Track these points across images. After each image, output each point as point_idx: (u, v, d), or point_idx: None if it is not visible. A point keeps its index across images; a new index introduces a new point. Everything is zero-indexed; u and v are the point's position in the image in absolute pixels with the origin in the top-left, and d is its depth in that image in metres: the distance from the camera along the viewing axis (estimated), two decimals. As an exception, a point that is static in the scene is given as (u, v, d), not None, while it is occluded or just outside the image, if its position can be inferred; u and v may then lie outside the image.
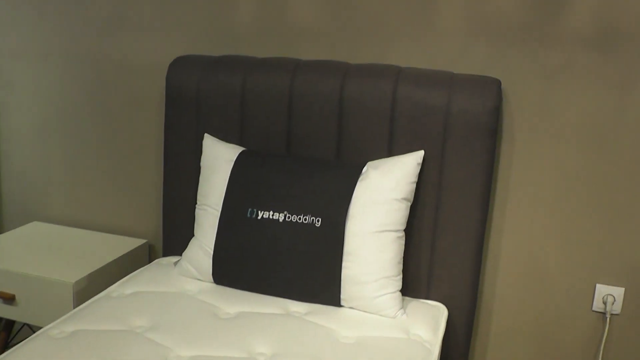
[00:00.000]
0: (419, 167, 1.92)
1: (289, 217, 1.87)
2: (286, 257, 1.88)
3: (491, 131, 1.90)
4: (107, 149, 2.55)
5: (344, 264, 1.85)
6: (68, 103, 2.56)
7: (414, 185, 1.92)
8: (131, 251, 2.41)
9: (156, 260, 2.22)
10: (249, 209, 1.91)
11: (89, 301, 1.89)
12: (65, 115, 2.58)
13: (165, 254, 2.32)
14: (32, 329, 2.72)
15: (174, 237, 2.29)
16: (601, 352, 2.13)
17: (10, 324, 2.45)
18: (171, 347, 1.64)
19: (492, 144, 1.91)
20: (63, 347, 1.60)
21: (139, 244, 2.48)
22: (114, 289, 1.98)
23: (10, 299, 2.22)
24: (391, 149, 1.99)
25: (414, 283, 2.06)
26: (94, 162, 2.58)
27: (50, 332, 1.69)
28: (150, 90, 2.43)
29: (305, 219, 1.86)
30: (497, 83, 1.92)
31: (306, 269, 1.87)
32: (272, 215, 1.89)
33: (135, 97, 2.45)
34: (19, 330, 2.74)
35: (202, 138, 2.17)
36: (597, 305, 2.11)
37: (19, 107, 2.65)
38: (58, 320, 1.77)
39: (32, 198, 2.73)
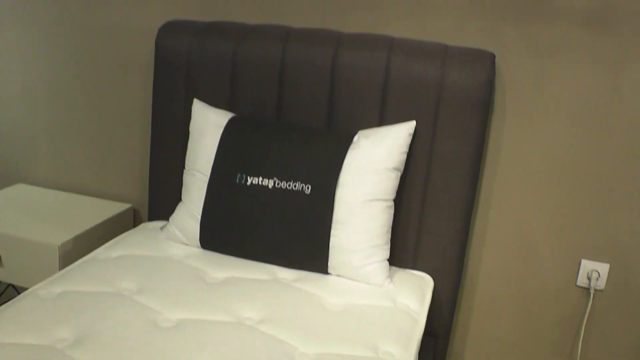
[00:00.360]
0: (411, 138, 1.92)
1: (278, 184, 1.87)
2: (275, 224, 1.88)
3: (483, 105, 1.90)
4: (93, 113, 2.52)
5: (332, 232, 1.86)
6: (54, 67, 2.53)
7: (405, 155, 1.92)
8: (116, 215, 2.41)
9: (142, 225, 2.21)
10: (238, 175, 1.91)
11: (76, 263, 1.89)
12: (51, 79, 2.55)
13: (150, 219, 2.31)
14: (17, 291, 2.71)
15: (160, 202, 2.28)
16: (583, 326, 2.16)
17: (-5, 285, 2.44)
18: (159, 310, 1.64)
19: (483, 118, 1.92)
20: (51, 307, 1.60)
21: (124, 208, 2.47)
22: (100, 251, 1.97)
23: (-5, 260, 2.21)
24: (383, 120, 1.98)
25: (401, 253, 2.07)
26: (80, 126, 2.55)
27: (38, 292, 1.69)
28: (139, 54, 2.40)
29: (294, 186, 1.86)
30: (492, 56, 1.91)
31: (294, 236, 1.87)
32: (262, 181, 1.88)
33: (123, 61, 2.42)
34: (4, 291, 2.73)
35: (191, 104, 2.16)
36: (582, 280, 2.14)
37: (5, 71, 2.61)
38: (46, 281, 1.76)
39: (17, 160, 2.70)
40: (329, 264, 1.88)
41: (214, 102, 2.13)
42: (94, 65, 2.47)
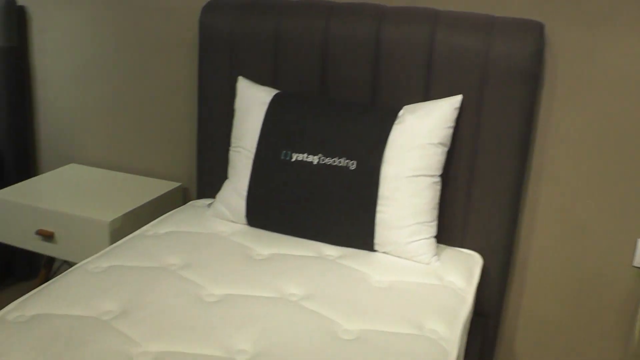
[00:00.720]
0: (457, 112, 1.88)
1: (323, 160, 1.86)
2: (320, 200, 1.87)
3: (532, 77, 1.85)
4: (142, 93, 2.55)
5: (378, 208, 1.84)
6: (102, 47, 2.56)
7: (451, 130, 1.88)
8: (165, 193, 2.43)
9: (190, 202, 2.23)
10: (283, 151, 1.90)
11: (124, 239, 1.92)
12: (99, 59, 2.58)
13: (199, 197, 2.33)
14: (71, 266, 2.77)
15: (208, 180, 2.30)
16: None
17: (50, 261, 2.50)
18: (204, 285, 1.65)
19: (532, 91, 1.86)
20: (98, 281, 1.63)
21: (174, 186, 2.49)
22: (148, 228, 2.00)
23: (49, 237, 2.25)
24: (428, 94, 1.95)
25: (449, 231, 2.04)
26: (129, 106, 2.59)
27: (86, 267, 1.72)
28: (184, 33, 2.41)
29: (339, 162, 1.85)
30: (540, 26, 1.85)
31: (340, 213, 1.86)
32: (306, 157, 1.87)
33: (169, 40, 2.44)
34: (59, 268, 2.80)
35: (235, 81, 2.16)
36: (639, 260, 2.06)
37: (55, 53, 2.66)
38: (94, 256, 1.79)
39: (70, 141, 2.76)
40: (374, 240, 1.87)
41: (258, 79, 2.13)
42: (141, 45, 2.49)
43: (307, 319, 1.52)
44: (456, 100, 1.87)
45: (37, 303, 1.52)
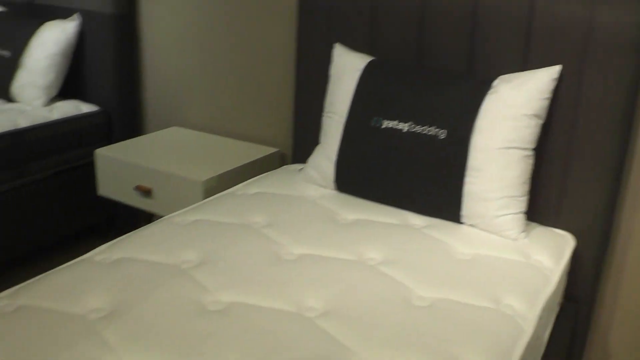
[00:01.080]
0: (554, 84, 1.80)
1: (413, 128, 1.83)
2: (408, 169, 1.84)
3: (638, 48, 1.74)
4: (242, 60, 2.59)
5: (466, 179, 1.79)
6: (206, 15, 2.62)
7: (547, 102, 1.80)
8: (262, 158, 2.47)
9: (283, 167, 2.27)
10: (374, 118, 1.89)
11: (214, 196, 1.97)
12: (203, 27, 2.65)
13: (294, 162, 2.36)
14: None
15: (303, 146, 2.31)
16: None
17: (149, 216, 2.61)
18: (284, 244, 1.67)
19: (638, 63, 1.75)
20: (182, 232, 1.68)
21: (270, 152, 2.53)
22: (238, 188, 2.04)
23: (147, 193, 2.35)
24: (526, 64, 1.87)
25: (541, 209, 1.96)
26: (229, 72, 2.64)
27: (173, 219, 1.78)
28: (284, 0, 2.43)
29: (429, 131, 1.81)
30: (652, -4, 1.74)
31: (427, 182, 1.82)
32: (397, 124, 1.85)
33: (269, 7, 2.47)
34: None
35: (332, 48, 2.16)
36: None
37: (161, 21, 2.75)
38: (182, 210, 1.85)
39: (173, 105, 2.85)
40: (461, 212, 1.82)
41: (355, 45, 2.12)
42: (240, 12, 2.53)
43: (382, 283, 1.51)
44: (554, 70, 1.79)
45: (122, 248, 1.59)
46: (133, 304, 1.36)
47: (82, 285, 1.43)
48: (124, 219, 2.95)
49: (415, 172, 1.84)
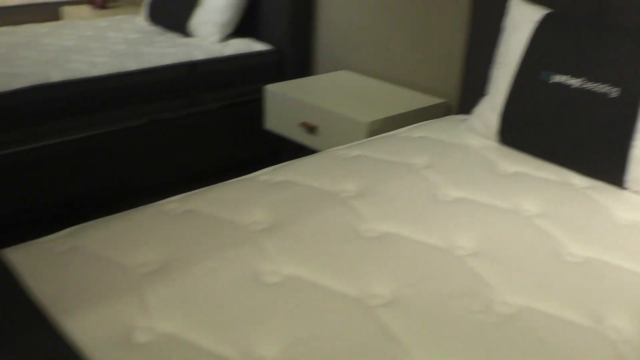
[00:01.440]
0: None
1: (585, 84, 1.78)
2: (573, 126, 1.81)
3: None
4: (414, 9, 2.61)
5: (634, 142, 1.73)
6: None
7: None
8: (428, 107, 2.50)
9: (448, 116, 2.28)
10: (544, 72, 1.86)
11: (377, 136, 2.03)
12: (387, -30, 2.69)
13: (460, 113, 2.37)
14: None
15: (471, 98, 2.31)
16: None
17: (311, 154, 2.72)
18: (442, 185, 1.71)
19: None
20: (344, 164, 1.78)
21: (437, 102, 2.55)
22: (402, 131, 2.10)
23: (312, 129, 2.45)
24: None
25: None
26: (402, 20, 2.67)
27: (337, 152, 1.88)
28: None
29: (600, 88, 1.76)
30: None
31: (592, 142, 1.78)
32: (567, 80, 1.81)
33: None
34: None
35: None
36: None
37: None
38: (346, 145, 1.93)
39: (344, 49, 2.93)
40: (626, 177, 1.77)
41: (533, -3, 2.09)
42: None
43: (534, 234, 1.51)
44: None
45: (285, 171, 1.72)
46: (293, 221, 1.47)
47: (247, 199, 1.56)
48: (287, 154, 3.10)
49: (580, 130, 1.80)
